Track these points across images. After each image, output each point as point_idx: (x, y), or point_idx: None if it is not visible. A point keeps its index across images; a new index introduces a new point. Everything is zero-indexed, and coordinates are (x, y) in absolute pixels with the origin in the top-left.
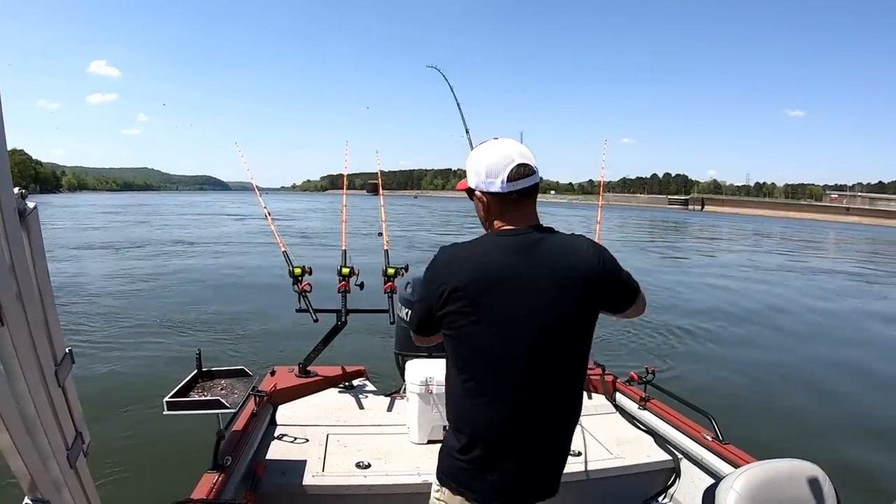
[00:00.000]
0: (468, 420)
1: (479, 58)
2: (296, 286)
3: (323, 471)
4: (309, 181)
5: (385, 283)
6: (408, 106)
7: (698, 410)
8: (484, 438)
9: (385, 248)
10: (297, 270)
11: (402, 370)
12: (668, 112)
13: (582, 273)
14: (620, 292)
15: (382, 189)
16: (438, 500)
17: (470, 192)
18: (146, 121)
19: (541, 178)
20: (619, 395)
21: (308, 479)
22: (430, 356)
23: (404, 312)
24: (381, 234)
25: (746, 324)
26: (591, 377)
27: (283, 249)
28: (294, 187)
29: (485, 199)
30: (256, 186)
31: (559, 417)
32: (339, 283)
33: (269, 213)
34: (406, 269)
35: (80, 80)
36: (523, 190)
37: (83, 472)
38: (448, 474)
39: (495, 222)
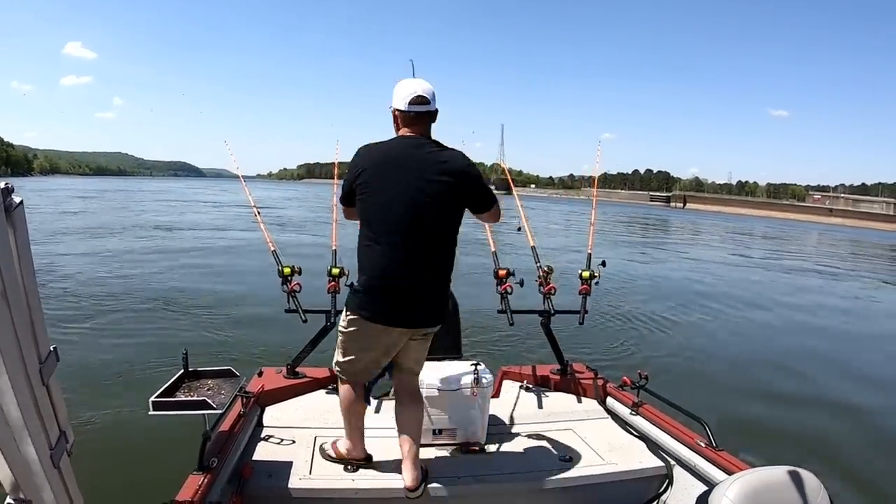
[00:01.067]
0: (368, 264)
1: (470, 47)
2: (285, 286)
3: (310, 474)
4: (285, 169)
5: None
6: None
7: (692, 416)
8: (377, 276)
9: None
10: (287, 270)
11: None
12: (651, 108)
13: (453, 170)
14: (479, 195)
15: None
16: (342, 321)
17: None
18: (121, 104)
19: (436, 109)
20: (610, 400)
21: (295, 482)
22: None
23: None
24: None
25: (742, 329)
26: (583, 382)
27: (272, 249)
28: (270, 175)
29: (396, 114)
30: (240, 176)
31: (432, 265)
32: (329, 283)
33: (259, 212)
34: None
35: (55, 61)
36: (419, 111)
37: (67, 473)
38: (351, 302)
39: (400, 130)
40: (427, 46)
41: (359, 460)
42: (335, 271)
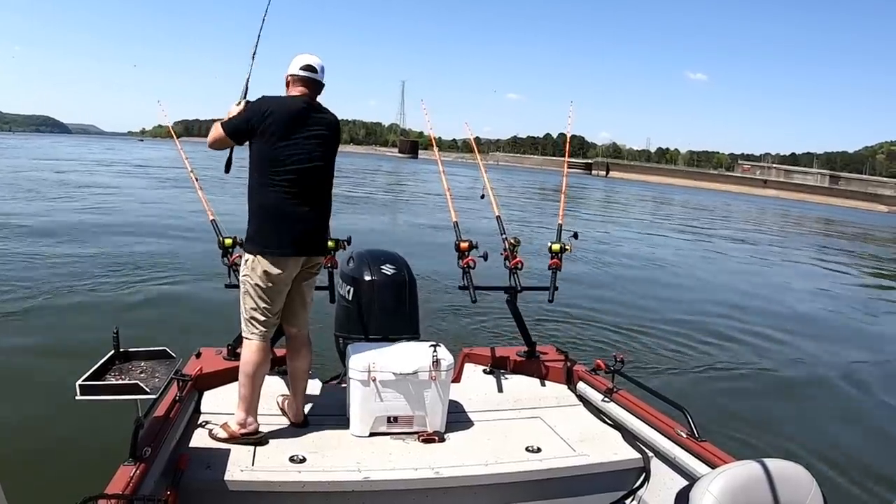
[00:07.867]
0: (266, 204)
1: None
2: (226, 258)
3: (253, 465)
4: (160, 126)
5: (325, 257)
6: (277, 45)
7: (671, 403)
8: (275, 214)
9: None
10: (228, 242)
11: (342, 355)
12: (558, 66)
13: (334, 124)
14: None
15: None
16: (246, 264)
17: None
18: None
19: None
20: (582, 385)
21: (236, 474)
22: (373, 340)
23: (346, 290)
24: None
25: (726, 312)
26: (552, 365)
27: (211, 218)
28: (144, 132)
29: (289, 79)
30: (175, 139)
31: (320, 202)
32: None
33: (197, 179)
34: (349, 241)
35: None
36: (313, 80)
37: None
38: (253, 243)
39: (293, 91)
40: None
41: (255, 436)
42: (331, 244)
